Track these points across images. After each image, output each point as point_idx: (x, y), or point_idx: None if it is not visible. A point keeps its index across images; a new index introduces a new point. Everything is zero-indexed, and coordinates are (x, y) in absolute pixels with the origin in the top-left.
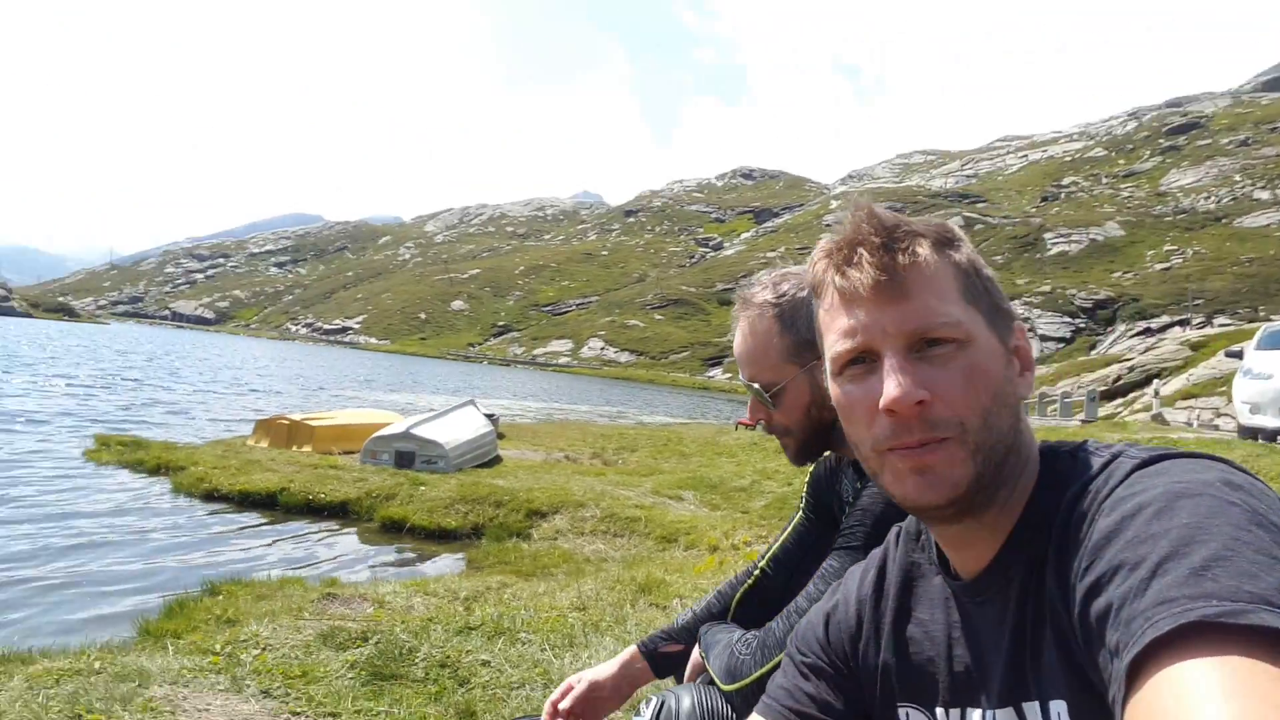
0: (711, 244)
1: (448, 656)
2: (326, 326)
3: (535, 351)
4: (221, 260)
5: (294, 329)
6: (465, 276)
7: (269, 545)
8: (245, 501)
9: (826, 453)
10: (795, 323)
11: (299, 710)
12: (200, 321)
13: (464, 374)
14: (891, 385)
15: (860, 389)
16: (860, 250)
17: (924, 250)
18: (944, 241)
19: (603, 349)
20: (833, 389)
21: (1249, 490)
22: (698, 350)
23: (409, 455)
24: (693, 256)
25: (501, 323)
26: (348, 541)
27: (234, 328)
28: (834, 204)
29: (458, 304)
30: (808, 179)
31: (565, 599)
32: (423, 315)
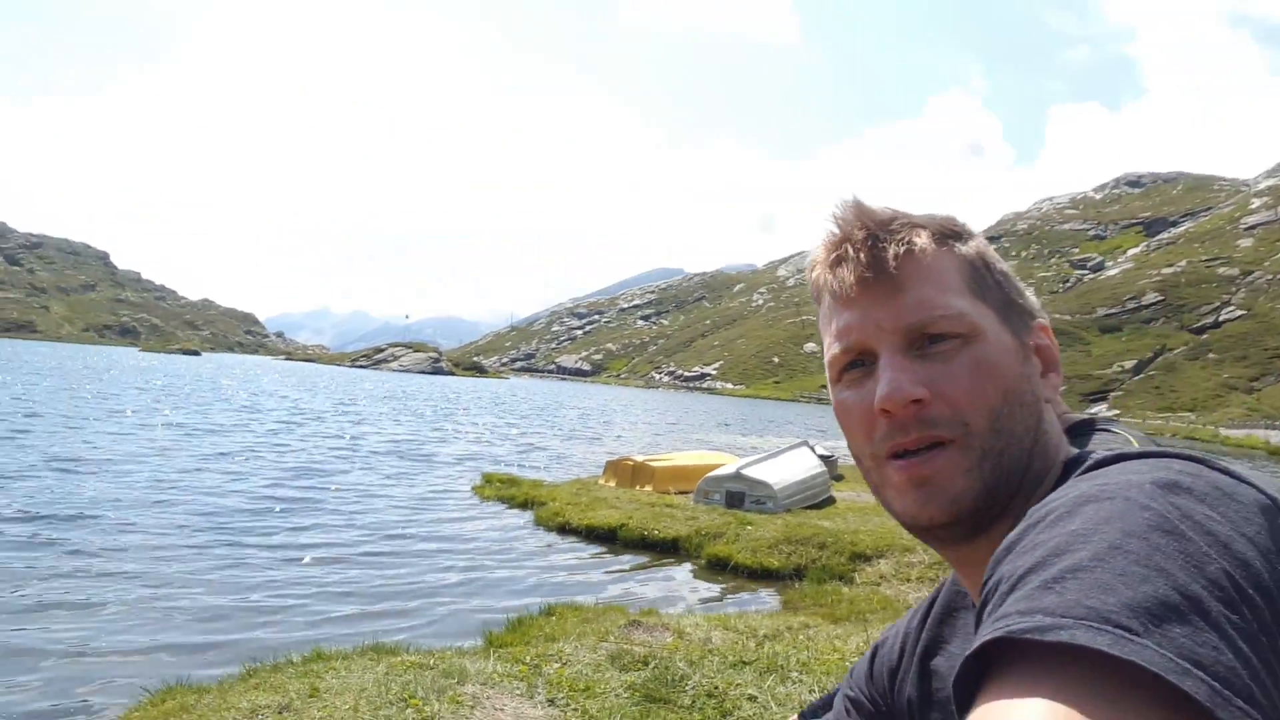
0: (1090, 264)
1: (716, 687)
2: (686, 373)
3: None
4: (596, 317)
5: (658, 377)
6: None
7: (604, 575)
8: (590, 535)
9: None
10: None
11: None
12: (579, 373)
13: (815, 416)
14: (885, 382)
15: (857, 395)
16: (847, 246)
17: (921, 240)
18: (947, 234)
19: None
20: (832, 399)
21: (1188, 493)
22: (1075, 385)
23: (739, 495)
24: (1066, 281)
25: None
26: (675, 575)
27: (606, 378)
28: (1255, 203)
29: (810, 346)
30: (1217, 177)
31: (855, 643)
32: (775, 359)
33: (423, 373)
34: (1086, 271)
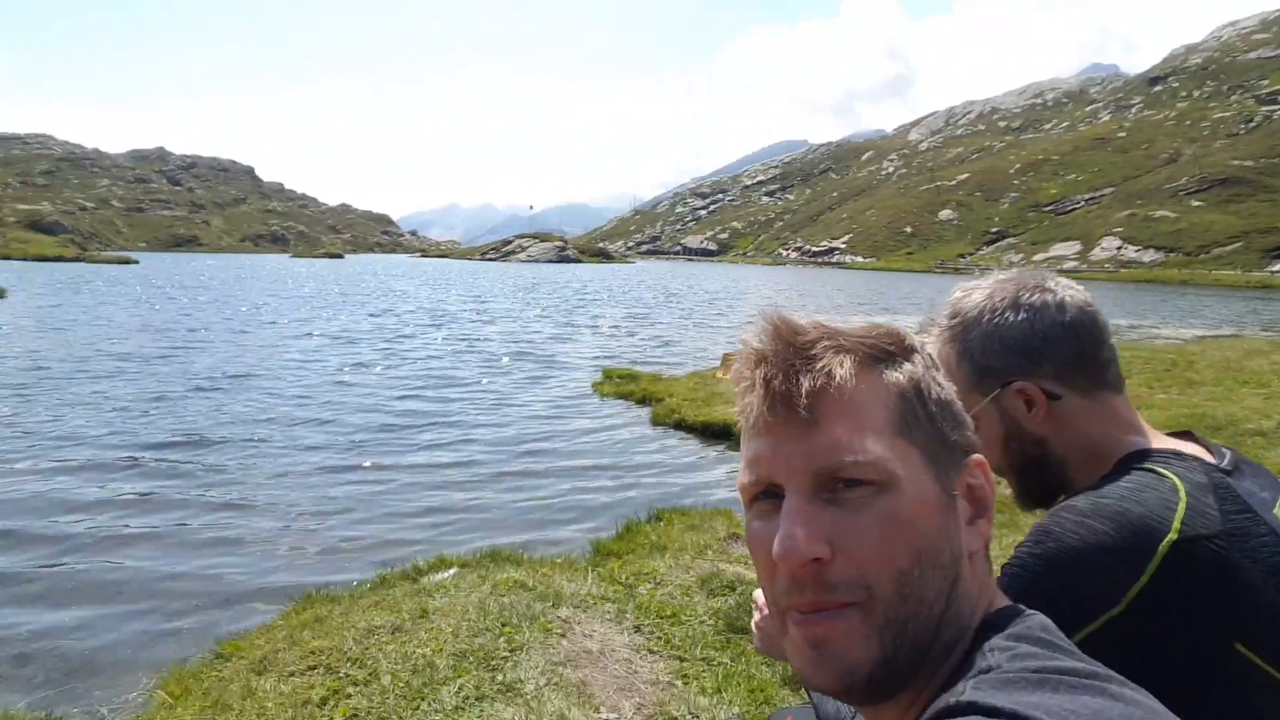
0: None
1: None
2: (814, 248)
3: (1035, 257)
4: (720, 195)
5: (785, 253)
6: (953, 183)
7: (716, 476)
8: (706, 432)
9: (1061, 498)
10: (970, 347)
11: (655, 649)
12: (705, 253)
13: (950, 288)
14: (782, 534)
15: (765, 529)
16: (759, 371)
17: (842, 371)
18: (879, 357)
19: (1120, 249)
20: (744, 524)
21: None
22: (1254, 240)
23: None
24: (1250, 120)
25: (995, 229)
26: None
27: (733, 256)
28: None
29: (945, 213)
30: None
31: None
32: (908, 229)
33: (549, 261)
34: (1277, 108)
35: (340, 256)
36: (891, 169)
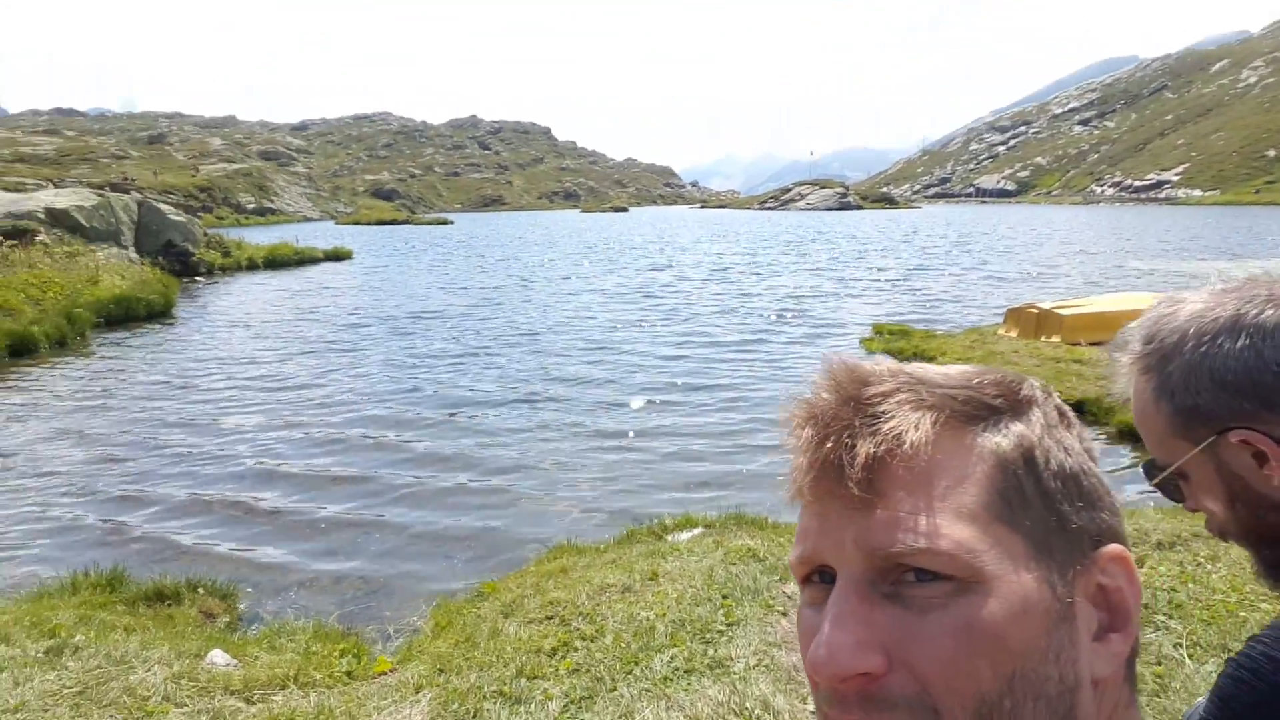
0: None
1: None
2: (1136, 183)
3: None
4: (1023, 128)
5: (1098, 190)
6: None
7: None
8: None
9: None
10: (1169, 381)
11: None
12: (1001, 194)
13: None
14: (822, 637)
15: (815, 618)
16: (807, 432)
17: (916, 435)
18: (977, 415)
19: None
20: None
21: None
22: None
23: None
24: None
25: None
26: None
27: (1034, 196)
28: None
29: None
30: None
31: None
32: (1271, 152)
33: (829, 209)
34: None
35: (625, 210)
36: (1254, 79)
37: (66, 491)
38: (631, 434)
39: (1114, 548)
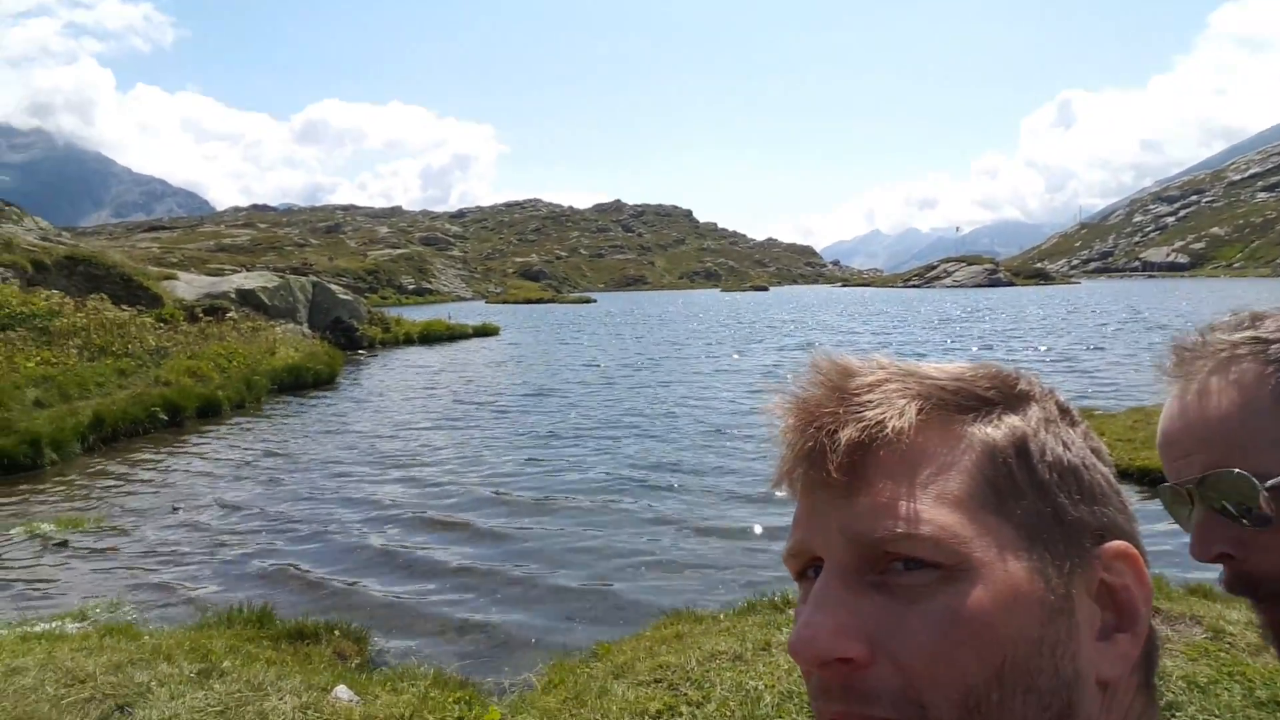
0: None
1: None
2: None
3: None
4: (1195, 197)
5: None
6: None
7: (1156, 529)
8: (1142, 479)
9: None
10: None
11: None
12: (1173, 268)
13: None
14: (802, 618)
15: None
16: (793, 419)
17: (899, 421)
18: (966, 405)
19: None
20: None
21: None
22: None
23: None
24: None
25: None
26: None
27: (1212, 269)
28: None
29: None
30: None
31: None
32: None
33: (978, 286)
34: None
35: (765, 289)
36: None
37: (228, 535)
38: (759, 504)
39: (1119, 544)
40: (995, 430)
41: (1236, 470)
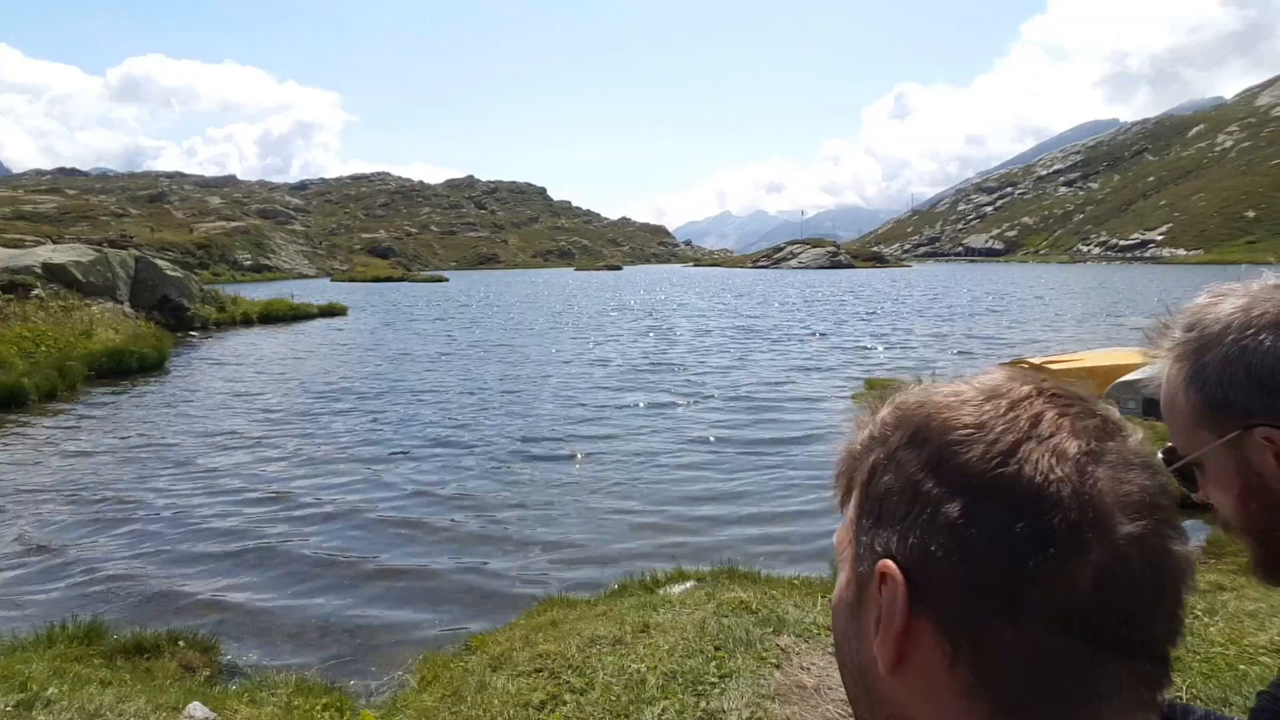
0: None
1: None
2: (1122, 243)
3: None
4: (1009, 189)
5: (1085, 249)
6: None
7: None
8: None
9: None
10: (1204, 371)
11: None
12: (990, 253)
13: None
14: None
15: None
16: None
17: (865, 464)
18: (866, 449)
19: None
20: None
21: None
22: None
23: (1158, 403)
24: None
25: None
26: None
27: (1022, 255)
28: None
29: None
30: None
31: None
32: (1251, 213)
33: (821, 268)
34: None
35: (618, 268)
36: (1230, 143)
37: (43, 542)
38: (627, 490)
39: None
40: (870, 459)
41: (1166, 446)
